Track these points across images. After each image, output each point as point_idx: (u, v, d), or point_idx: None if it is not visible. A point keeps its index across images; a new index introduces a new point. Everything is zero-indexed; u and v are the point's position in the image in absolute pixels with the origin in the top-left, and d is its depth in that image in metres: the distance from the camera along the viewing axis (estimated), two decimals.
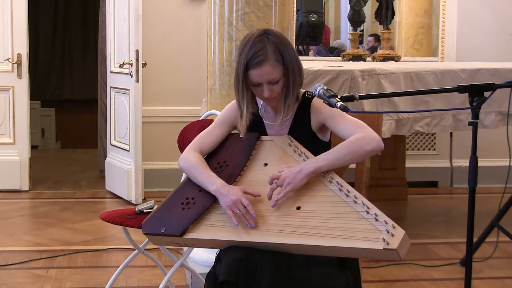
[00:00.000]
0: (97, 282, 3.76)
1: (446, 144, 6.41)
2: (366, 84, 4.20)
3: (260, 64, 2.35)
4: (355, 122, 2.40)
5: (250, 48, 2.36)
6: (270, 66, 2.35)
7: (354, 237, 2.13)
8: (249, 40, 2.38)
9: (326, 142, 2.53)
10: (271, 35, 2.39)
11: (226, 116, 2.59)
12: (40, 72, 12.43)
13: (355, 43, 6.40)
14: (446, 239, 4.68)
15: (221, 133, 2.58)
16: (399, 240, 2.08)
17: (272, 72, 2.36)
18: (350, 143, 2.33)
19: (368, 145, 2.32)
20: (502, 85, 2.49)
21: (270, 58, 2.35)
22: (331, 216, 2.21)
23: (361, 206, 2.19)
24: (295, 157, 2.41)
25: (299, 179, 2.28)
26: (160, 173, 5.97)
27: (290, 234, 2.21)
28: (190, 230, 2.34)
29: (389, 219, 2.14)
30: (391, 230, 2.10)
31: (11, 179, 5.90)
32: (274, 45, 2.36)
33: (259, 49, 2.35)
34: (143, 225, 2.43)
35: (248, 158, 2.47)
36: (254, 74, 2.37)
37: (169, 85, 6.01)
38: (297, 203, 2.28)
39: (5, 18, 5.85)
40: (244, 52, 2.37)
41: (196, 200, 2.41)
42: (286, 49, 2.39)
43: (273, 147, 2.48)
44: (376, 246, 2.09)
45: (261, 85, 2.39)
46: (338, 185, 2.28)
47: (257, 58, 2.34)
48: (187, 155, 2.53)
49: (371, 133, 2.36)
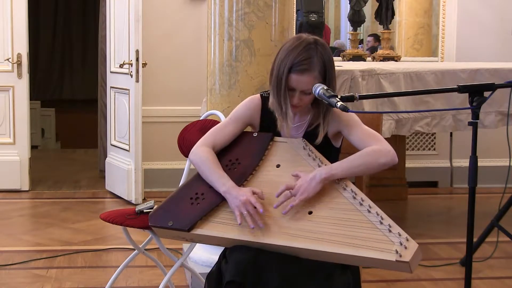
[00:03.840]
0: (97, 282, 3.76)
1: (446, 144, 6.41)
2: (366, 84, 4.20)
3: (303, 72, 2.35)
4: (371, 134, 2.42)
5: (300, 53, 2.35)
6: (311, 77, 2.36)
7: (366, 247, 2.12)
8: (300, 44, 2.37)
9: (337, 148, 2.54)
10: (321, 48, 2.38)
11: (241, 113, 2.57)
12: (40, 72, 12.43)
13: (355, 43, 6.40)
14: (446, 239, 4.68)
15: (235, 130, 2.55)
16: (412, 253, 2.07)
17: (311, 84, 2.36)
18: (366, 154, 2.35)
19: (383, 158, 2.34)
20: (502, 85, 2.50)
21: (315, 70, 2.35)
22: (343, 223, 2.20)
23: (374, 216, 2.18)
24: (309, 161, 2.40)
25: (313, 185, 2.28)
26: (160, 173, 5.97)
27: (300, 238, 2.20)
28: (198, 226, 2.32)
29: (403, 232, 2.13)
30: (405, 243, 2.09)
31: (11, 179, 5.90)
32: (322, 59, 2.37)
33: (307, 58, 2.35)
34: (150, 217, 2.41)
35: (261, 158, 2.46)
36: (293, 79, 2.36)
37: (169, 85, 6.00)
38: (309, 208, 2.27)
39: (5, 18, 5.84)
40: (292, 55, 2.36)
41: (206, 196, 2.39)
42: (331, 68, 2.40)
43: (287, 149, 2.46)
44: (388, 257, 2.08)
45: (294, 91, 2.39)
46: (352, 193, 2.27)
47: (303, 65, 2.34)
48: (198, 150, 2.50)
49: (387, 146, 2.37)
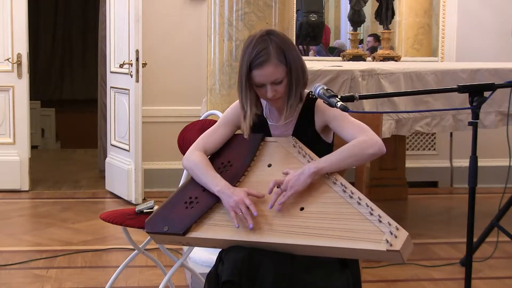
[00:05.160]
0: (97, 282, 3.76)
1: (446, 144, 6.41)
2: (366, 84, 4.19)
3: (262, 64, 2.35)
4: (358, 125, 2.40)
5: (253, 48, 2.36)
6: (272, 66, 2.35)
7: (357, 238, 2.13)
8: (252, 40, 2.39)
9: (329, 143, 2.53)
10: (274, 36, 2.38)
11: (230, 116, 2.59)
12: (40, 72, 12.43)
13: (355, 43, 6.40)
14: (446, 239, 4.68)
15: (225, 133, 2.58)
16: (402, 242, 2.07)
17: (275, 73, 2.36)
18: (352, 146, 2.34)
19: (370, 148, 2.33)
20: (502, 85, 2.50)
21: (272, 58, 2.35)
22: (334, 217, 2.21)
23: (364, 208, 2.19)
24: (299, 158, 2.41)
25: (302, 180, 2.28)
26: (160, 173, 5.97)
27: (293, 235, 2.21)
28: (193, 229, 2.34)
29: (392, 221, 2.14)
30: (395, 232, 2.10)
31: (11, 179, 5.90)
32: (277, 45, 2.36)
33: (262, 49, 2.35)
34: (146, 224, 2.43)
35: (252, 159, 2.47)
36: (257, 75, 2.37)
37: (169, 85, 6.00)
38: (300, 204, 2.28)
39: (5, 18, 5.84)
40: (247, 53, 2.37)
41: (200, 199, 2.41)
42: (289, 50, 2.38)
43: (278, 148, 2.48)
44: (379, 247, 2.09)
45: (265, 86, 2.39)
46: (342, 187, 2.27)
47: (260, 59, 2.34)
48: (191, 155, 2.53)
49: (374, 136, 2.36)
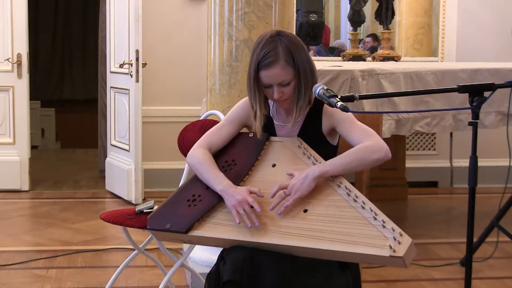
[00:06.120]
0: (97, 282, 3.76)
1: (446, 144, 6.41)
2: (366, 84, 4.19)
3: (270, 65, 2.33)
4: (365, 130, 2.40)
5: (262, 49, 2.34)
6: (280, 68, 2.34)
7: (360, 243, 2.12)
8: (262, 40, 2.37)
9: (334, 145, 2.53)
10: (284, 37, 2.36)
11: (236, 115, 2.57)
12: (40, 72, 12.43)
13: (355, 43, 6.40)
14: (446, 239, 4.68)
15: (230, 131, 2.56)
16: (405, 248, 2.08)
17: (282, 74, 2.34)
18: (358, 150, 2.34)
19: (376, 153, 2.32)
20: (502, 85, 2.50)
21: (280, 59, 2.33)
22: (338, 220, 2.20)
23: (368, 212, 2.19)
24: (304, 159, 2.40)
25: (306, 185, 2.27)
26: (160, 173, 5.97)
27: (296, 237, 2.21)
28: (195, 228, 2.33)
29: (396, 227, 2.13)
30: (398, 238, 2.10)
31: (11, 179, 5.90)
32: (286, 47, 2.34)
33: (270, 50, 2.33)
34: (148, 220, 2.43)
35: (257, 158, 2.46)
36: (264, 75, 2.35)
37: (169, 85, 6.00)
38: (304, 206, 2.27)
39: (5, 18, 5.84)
40: (256, 53, 2.36)
41: (203, 197, 2.41)
42: (298, 52, 2.36)
43: (282, 148, 2.47)
44: (382, 253, 2.08)
45: (272, 87, 2.37)
46: (346, 190, 2.27)
47: (268, 59, 2.33)
48: (195, 152, 2.51)
49: (380, 141, 2.36)
